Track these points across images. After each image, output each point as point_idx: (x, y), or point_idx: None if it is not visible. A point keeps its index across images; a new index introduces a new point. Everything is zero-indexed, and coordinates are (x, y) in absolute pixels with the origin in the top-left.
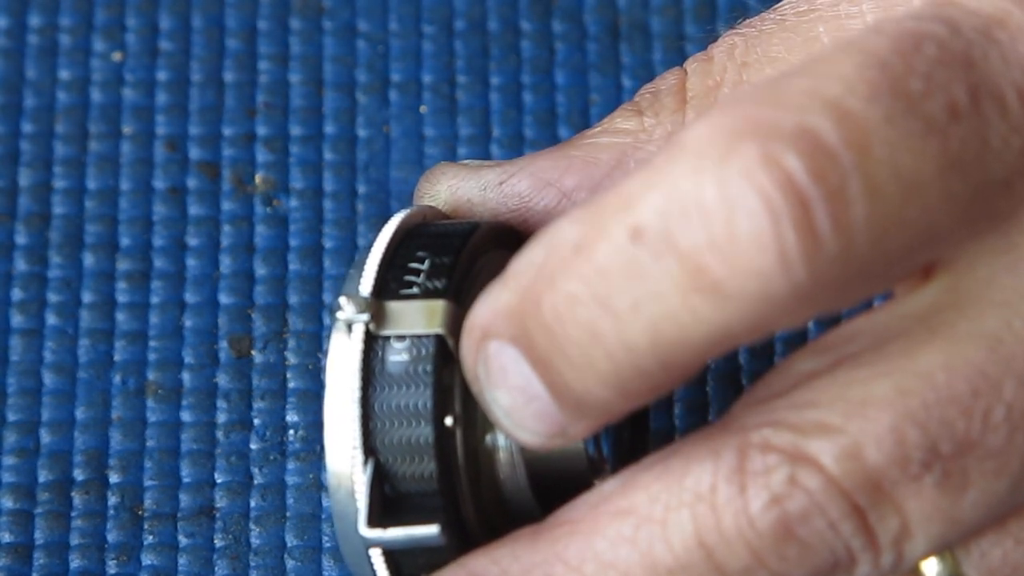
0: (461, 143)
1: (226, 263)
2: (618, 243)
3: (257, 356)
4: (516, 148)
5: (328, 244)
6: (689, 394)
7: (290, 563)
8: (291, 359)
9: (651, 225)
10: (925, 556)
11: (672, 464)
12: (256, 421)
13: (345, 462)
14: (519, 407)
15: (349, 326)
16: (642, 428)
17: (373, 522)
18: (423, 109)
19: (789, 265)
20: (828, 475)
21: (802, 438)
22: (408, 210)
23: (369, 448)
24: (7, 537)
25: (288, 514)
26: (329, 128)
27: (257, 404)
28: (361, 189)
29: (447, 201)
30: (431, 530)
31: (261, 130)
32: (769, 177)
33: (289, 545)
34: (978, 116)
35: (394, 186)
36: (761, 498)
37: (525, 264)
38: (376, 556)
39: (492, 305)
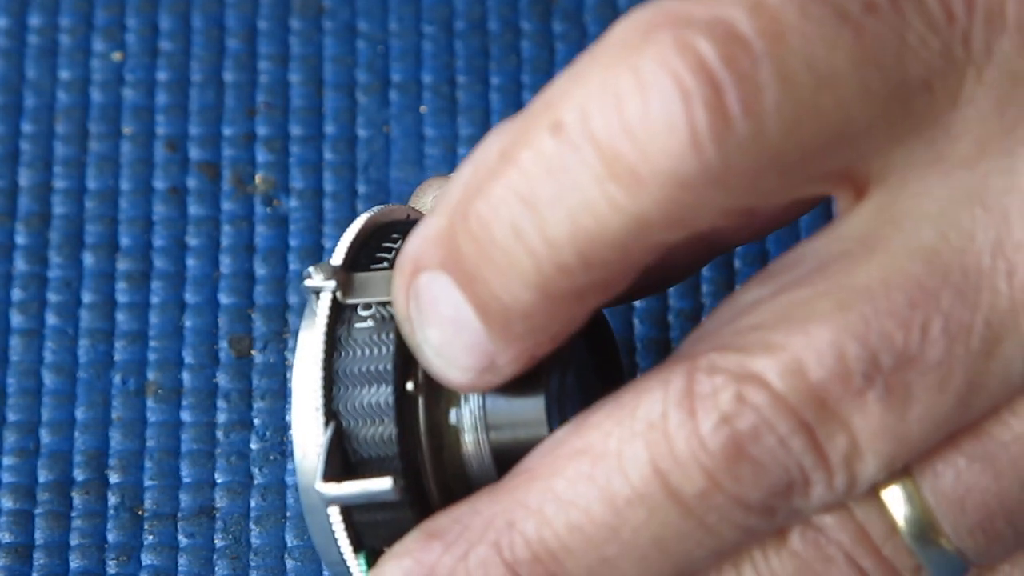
0: (461, 143)
1: (226, 263)
2: (541, 143)
3: (257, 356)
4: None
5: (328, 244)
6: None
7: (290, 563)
8: (291, 359)
9: (570, 119)
10: (879, 478)
11: (623, 399)
12: (256, 421)
13: (309, 428)
14: (449, 341)
15: (317, 294)
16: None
17: (329, 477)
18: (423, 109)
19: (700, 146)
20: (774, 391)
21: (747, 357)
22: (391, 205)
23: (331, 412)
24: (7, 537)
25: (288, 514)
26: (329, 128)
27: (257, 404)
28: (361, 189)
29: None
30: (384, 483)
31: (261, 130)
32: (681, 60)
33: (289, 545)
34: (895, 12)
35: (394, 186)
36: (711, 419)
37: (453, 185)
38: (337, 525)
39: (423, 233)
